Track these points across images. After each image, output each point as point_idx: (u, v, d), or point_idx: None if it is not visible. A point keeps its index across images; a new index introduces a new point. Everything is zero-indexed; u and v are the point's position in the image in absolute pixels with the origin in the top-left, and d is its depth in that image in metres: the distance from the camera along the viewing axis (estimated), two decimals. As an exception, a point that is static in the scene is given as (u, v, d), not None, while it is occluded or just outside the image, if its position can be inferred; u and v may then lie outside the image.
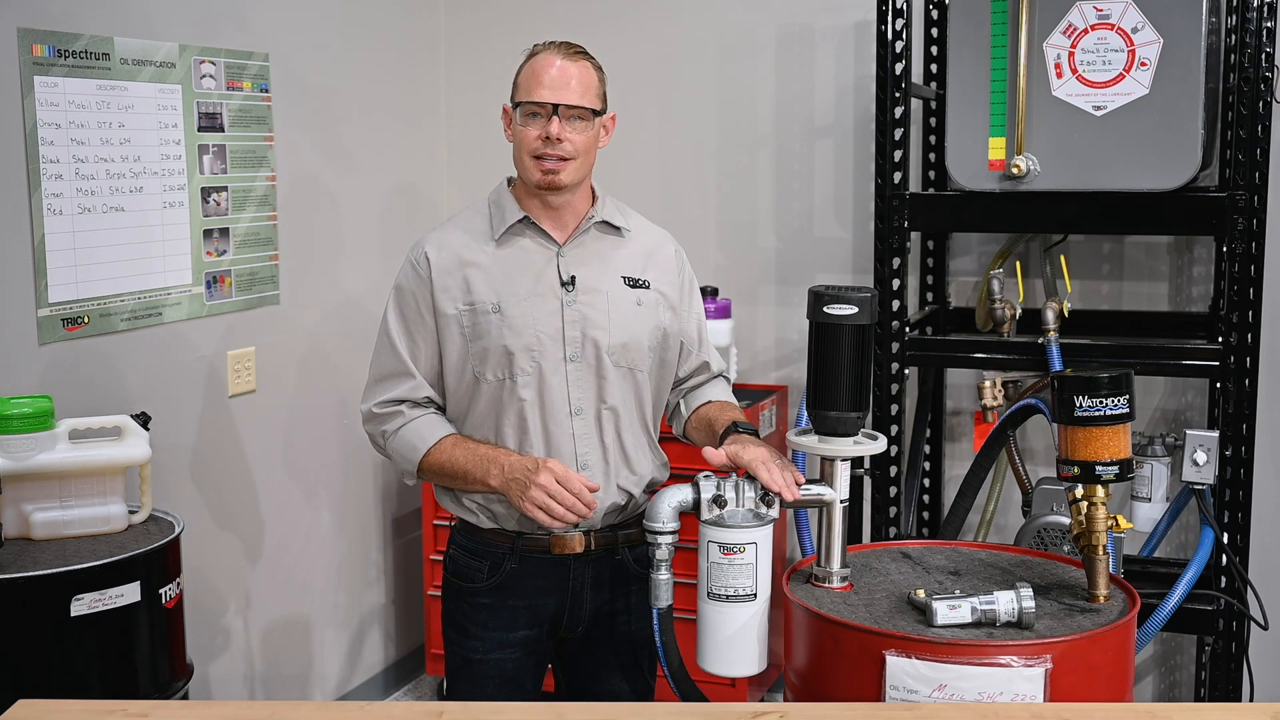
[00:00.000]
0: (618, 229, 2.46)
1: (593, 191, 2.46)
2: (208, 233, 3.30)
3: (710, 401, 2.52)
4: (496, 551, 2.43)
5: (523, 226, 2.41)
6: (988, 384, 3.38)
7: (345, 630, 3.94)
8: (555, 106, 2.32)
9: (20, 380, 2.82)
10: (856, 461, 2.48)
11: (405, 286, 2.42)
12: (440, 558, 3.90)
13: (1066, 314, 3.19)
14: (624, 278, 2.43)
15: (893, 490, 3.28)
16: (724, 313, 3.80)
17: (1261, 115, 2.94)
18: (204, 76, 3.26)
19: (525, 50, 2.41)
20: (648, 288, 2.44)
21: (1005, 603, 2.10)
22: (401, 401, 2.41)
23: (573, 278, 2.39)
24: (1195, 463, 3.03)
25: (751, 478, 2.23)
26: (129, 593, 2.51)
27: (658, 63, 4.04)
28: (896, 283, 3.20)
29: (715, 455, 2.27)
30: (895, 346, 3.22)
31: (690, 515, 2.25)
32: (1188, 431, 3.05)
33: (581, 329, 2.37)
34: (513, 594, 2.43)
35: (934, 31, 3.62)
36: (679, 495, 2.24)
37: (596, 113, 2.37)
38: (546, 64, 2.34)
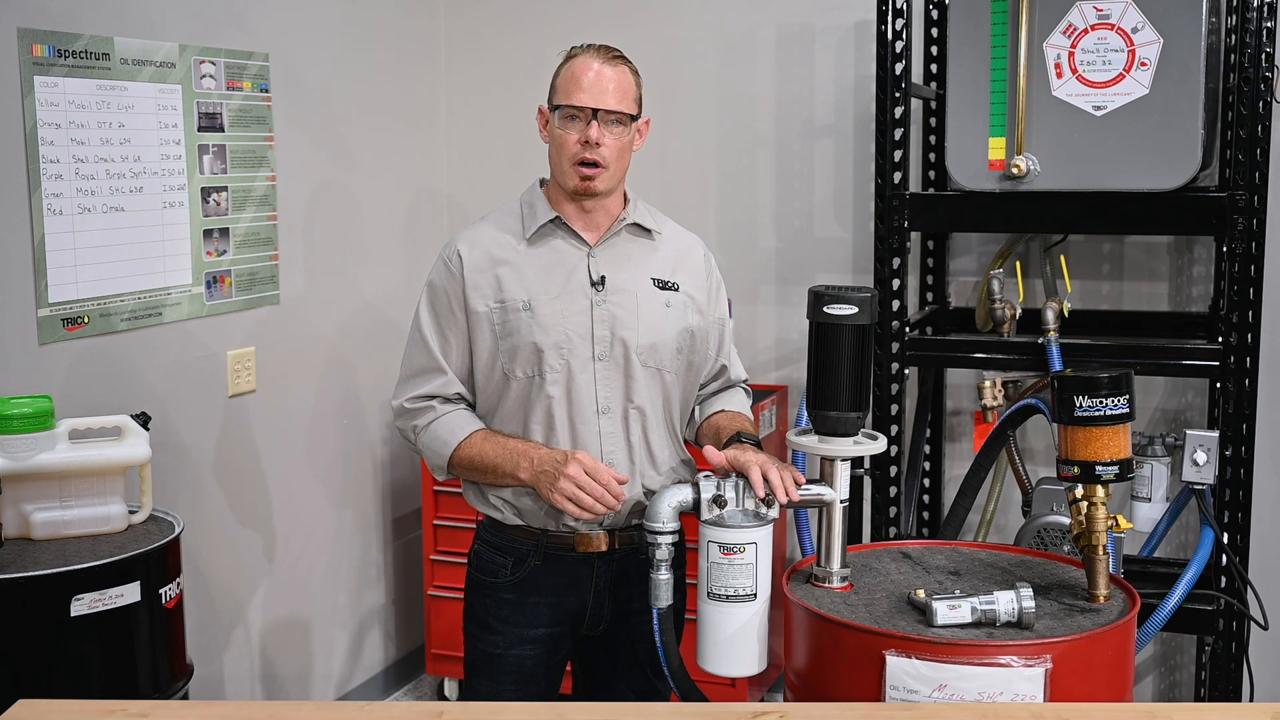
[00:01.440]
0: (649, 231, 2.48)
1: (625, 194, 2.48)
2: (208, 233, 3.30)
3: (723, 410, 2.53)
4: (521, 548, 2.44)
5: (554, 227, 2.43)
6: (988, 384, 3.38)
7: (345, 630, 3.94)
8: (595, 111, 2.34)
9: (20, 380, 2.82)
10: (856, 461, 2.48)
11: (438, 283, 2.44)
12: (440, 558, 3.92)
13: (1066, 314, 3.19)
14: (654, 279, 2.45)
15: (893, 490, 3.28)
16: (724, 313, 3.80)
17: (1261, 115, 2.94)
18: (204, 76, 3.26)
19: (562, 52, 2.43)
20: (677, 290, 2.46)
21: (1005, 603, 2.10)
22: (433, 397, 2.43)
23: (603, 278, 2.40)
24: (1195, 463, 3.03)
25: (752, 478, 2.23)
26: (129, 593, 2.51)
27: (658, 63, 4.03)
28: (896, 283, 3.20)
29: (715, 456, 2.28)
30: (895, 346, 3.22)
31: (690, 515, 2.25)
32: (1188, 431, 3.06)
33: (610, 328, 2.39)
34: (535, 590, 2.44)
35: (934, 31, 3.62)
36: (679, 495, 2.24)
37: (633, 117, 2.40)
38: (585, 67, 2.36)
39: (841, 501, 2.26)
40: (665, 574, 2.27)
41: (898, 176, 3.19)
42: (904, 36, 3.17)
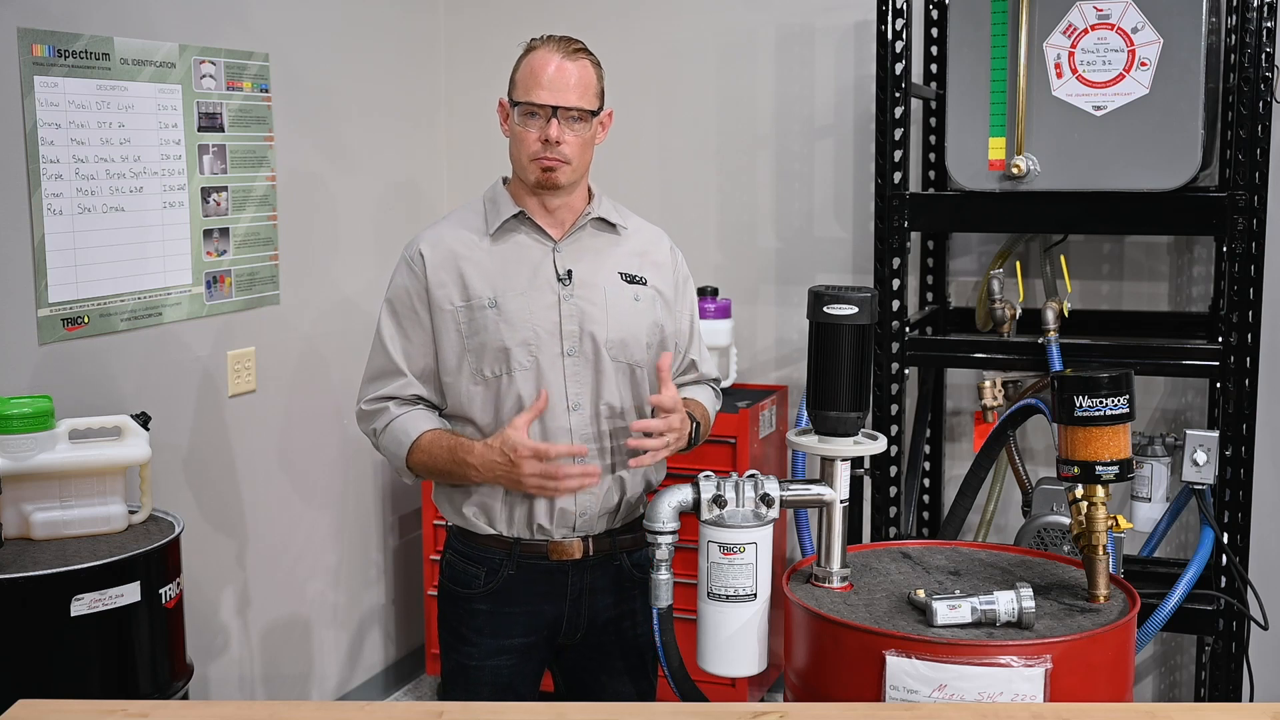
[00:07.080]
0: (614, 226, 2.45)
1: (589, 189, 2.46)
2: (208, 233, 3.30)
3: (685, 399, 2.50)
4: (494, 558, 2.42)
5: (518, 222, 2.40)
6: (988, 384, 3.38)
7: (345, 630, 3.94)
8: (555, 109, 2.31)
9: (20, 380, 2.82)
10: (856, 461, 2.48)
11: (400, 284, 2.42)
12: (440, 558, 3.91)
13: (1066, 314, 3.18)
14: (621, 274, 2.42)
15: (893, 490, 3.28)
16: (724, 313, 3.80)
17: (1261, 115, 2.94)
18: (204, 76, 3.26)
19: (522, 44, 2.40)
20: (644, 284, 2.44)
21: (1005, 603, 2.10)
22: (390, 399, 2.41)
23: (569, 272, 2.38)
24: (1195, 463, 3.03)
25: (751, 476, 2.23)
26: (129, 593, 2.51)
27: (658, 63, 4.04)
28: (896, 283, 3.20)
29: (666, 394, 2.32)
30: (895, 346, 3.22)
31: (690, 515, 2.25)
32: (1188, 431, 3.05)
33: (579, 323, 2.36)
34: (510, 600, 2.42)
35: (934, 31, 3.62)
36: (679, 495, 2.24)
37: (594, 112, 2.37)
38: (545, 63, 2.33)
39: (841, 501, 2.26)
40: (665, 574, 2.26)
41: (898, 176, 3.19)
42: (904, 36, 3.17)
